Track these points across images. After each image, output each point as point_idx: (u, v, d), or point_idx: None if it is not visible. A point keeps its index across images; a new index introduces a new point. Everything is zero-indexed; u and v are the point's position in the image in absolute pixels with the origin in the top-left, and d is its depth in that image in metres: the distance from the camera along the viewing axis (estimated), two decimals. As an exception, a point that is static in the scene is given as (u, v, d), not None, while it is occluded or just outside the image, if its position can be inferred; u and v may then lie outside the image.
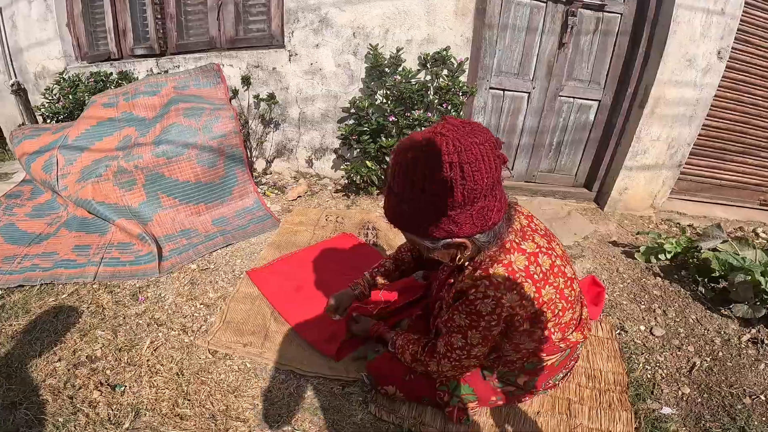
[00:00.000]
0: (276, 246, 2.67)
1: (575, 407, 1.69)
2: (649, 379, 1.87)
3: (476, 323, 1.31)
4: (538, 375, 1.56)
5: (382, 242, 2.75)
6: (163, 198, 2.87)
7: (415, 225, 1.23)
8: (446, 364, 1.44)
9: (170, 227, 2.80)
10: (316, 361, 1.90)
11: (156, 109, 3.28)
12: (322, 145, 3.43)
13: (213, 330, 2.05)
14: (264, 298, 2.24)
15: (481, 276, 1.26)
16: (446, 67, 3.06)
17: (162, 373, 1.85)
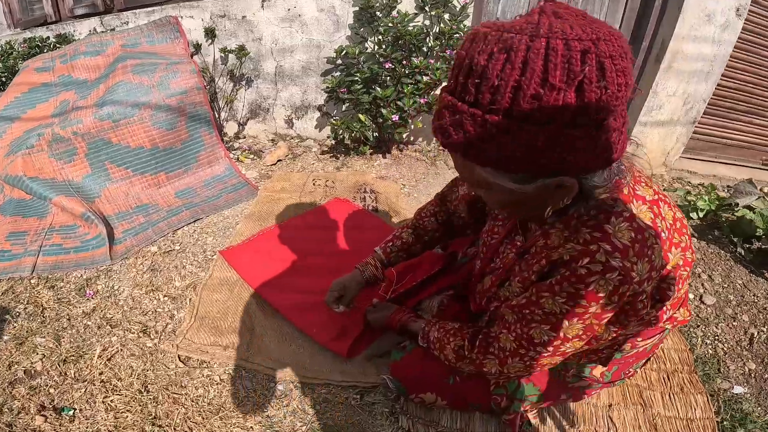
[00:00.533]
0: (255, 218, 2.13)
1: (647, 395, 1.40)
2: (711, 355, 1.60)
3: (582, 309, 0.86)
4: (623, 363, 1.17)
5: (384, 207, 2.25)
6: (112, 169, 2.28)
7: (503, 153, 0.73)
8: (516, 363, 1.00)
9: (123, 203, 2.22)
10: (322, 365, 1.42)
11: (100, 69, 2.69)
12: (303, 103, 2.87)
13: (183, 329, 1.52)
14: (245, 283, 1.72)
15: (596, 238, 0.83)
16: (447, 10, 2.55)
17: (120, 390, 1.35)
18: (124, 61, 2.50)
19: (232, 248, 1.90)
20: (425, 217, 1.45)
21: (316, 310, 1.53)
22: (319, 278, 1.69)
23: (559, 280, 0.86)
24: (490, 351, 1.05)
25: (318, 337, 1.45)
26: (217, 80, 2.82)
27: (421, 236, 1.46)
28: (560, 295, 0.87)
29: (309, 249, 1.89)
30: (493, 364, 1.05)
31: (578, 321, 0.88)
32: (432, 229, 1.44)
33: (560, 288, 0.87)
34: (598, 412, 1.33)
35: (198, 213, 2.19)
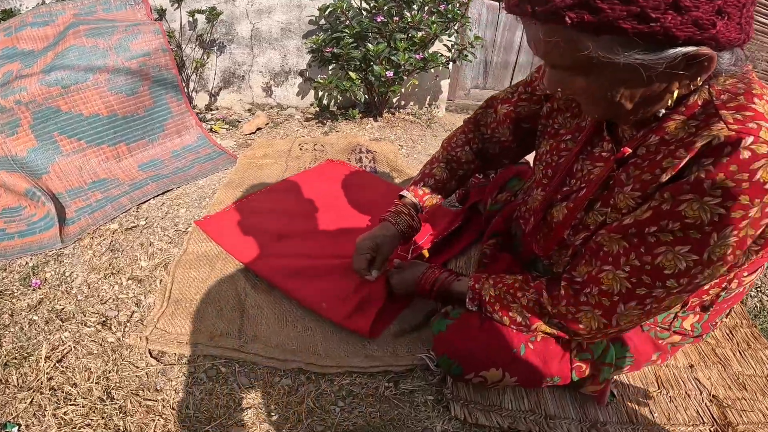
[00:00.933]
0: (236, 185, 1.76)
1: (720, 352, 1.20)
2: (759, 307, 1.40)
3: (741, 212, 0.62)
4: (716, 310, 0.93)
5: (384, 167, 1.91)
6: (62, 140, 1.87)
7: (633, 10, 0.54)
8: (632, 310, 0.74)
9: (76, 179, 1.82)
10: (340, 348, 1.09)
11: (49, 39, 2.26)
12: (283, 68, 2.50)
13: (153, 317, 1.16)
14: (229, 256, 1.36)
15: (749, 117, 0.61)
16: (440, -36, 2.23)
17: (75, 398, 0.99)
18: (77, 27, 2.10)
19: (210, 217, 1.53)
20: (457, 147, 1.15)
21: (322, 278, 1.20)
22: (321, 242, 1.36)
23: (712, 173, 0.61)
24: (583, 300, 0.76)
25: (330, 314, 1.12)
26: (184, 47, 2.42)
27: (455, 171, 1.15)
28: (713, 193, 0.61)
29: (304, 211, 1.54)
30: (591, 316, 0.76)
31: (732, 232, 0.63)
32: (467, 161, 1.14)
33: (713, 183, 0.61)
34: (681, 375, 1.10)
35: (167, 185, 1.80)
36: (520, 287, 0.88)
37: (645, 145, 0.72)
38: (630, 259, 0.70)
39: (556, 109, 0.94)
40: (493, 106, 1.11)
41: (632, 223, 0.70)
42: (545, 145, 0.96)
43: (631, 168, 0.73)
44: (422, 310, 1.18)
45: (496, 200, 1.28)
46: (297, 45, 2.43)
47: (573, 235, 0.83)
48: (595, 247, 0.76)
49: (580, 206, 0.81)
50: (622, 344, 0.91)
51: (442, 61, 2.22)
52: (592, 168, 0.83)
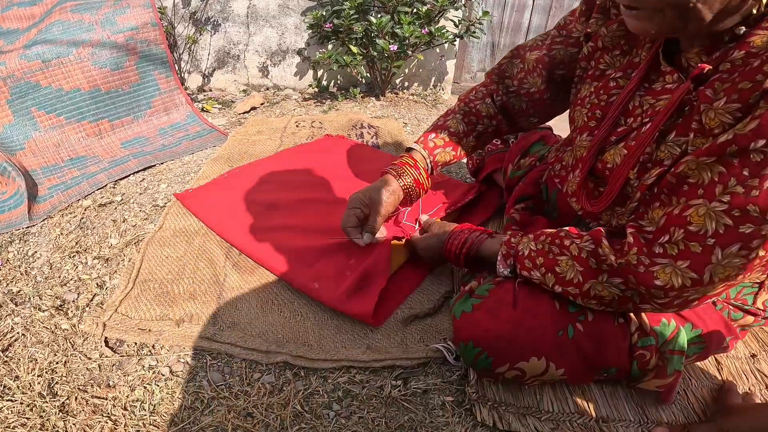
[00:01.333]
0: (225, 160, 1.55)
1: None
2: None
3: None
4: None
5: (388, 142, 1.70)
6: (40, 116, 1.67)
7: None
8: (733, 258, 0.53)
9: (53, 156, 1.62)
10: (336, 338, 0.87)
11: (35, 17, 2.07)
12: (280, 47, 2.29)
13: (114, 300, 0.95)
14: (210, 231, 1.15)
15: None
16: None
17: (14, 393, 0.79)
18: (63, 4, 1.91)
19: (193, 191, 1.32)
20: (476, 99, 0.94)
21: (315, 254, 0.99)
22: (316, 213, 1.15)
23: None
24: (658, 251, 0.57)
25: (323, 296, 0.90)
26: (176, 25, 2.22)
27: (474, 124, 0.94)
28: None
29: (298, 181, 1.33)
30: (673, 270, 0.55)
31: None
32: (488, 115, 0.94)
33: None
34: (743, 366, 0.89)
35: (150, 160, 1.60)
36: (567, 236, 0.67)
37: (728, 61, 0.54)
38: (730, 185, 0.51)
39: (601, 48, 0.76)
40: (519, 56, 0.92)
41: (732, 140, 0.51)
42: (587, 90, 0.77)
43: (717, 83, 0.54)
44: (437, 291, 0.96)
45: (518, 166, 1.06)
46: (295, 22, 2.22)
47: (640, 175, 0.63)
48: (676, 181, 0.57)
49: (647, 140, 0.62)
50: (693, 326, 0.71)
51: (448, 36, 2.02)
52: (655, 102, 0.64)
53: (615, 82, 0.72)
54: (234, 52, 2.29)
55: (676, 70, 0.64)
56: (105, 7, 1.92)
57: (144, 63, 1.90)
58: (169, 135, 1.80)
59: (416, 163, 0.92)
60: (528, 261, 0.71)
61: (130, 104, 1.83)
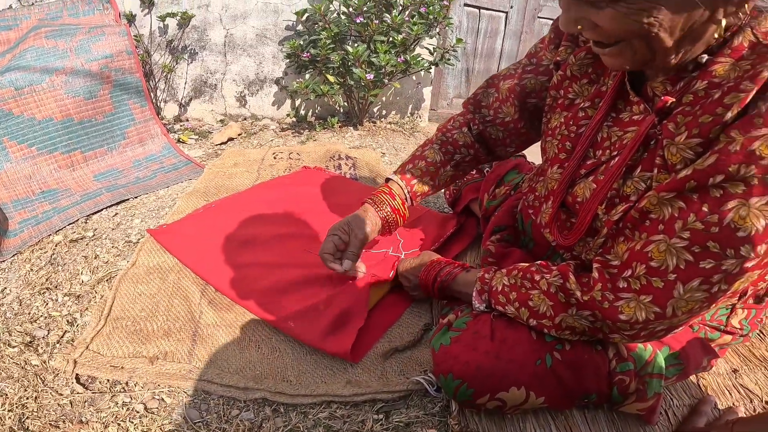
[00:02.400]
0: (201, 194, 1.58)
1: (759, 353, 1.05)
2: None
3: None
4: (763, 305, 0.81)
5: (365, 173, 1.76)
6: (11, 146, 1.68)
7: None
8: (695, 293, 0.56)
9: (24, 189, 1.63)
10: (315, 373, 0.90)
11: (10, 42, 2.10)
12: (258, 76, 2.36)
13: (85, 337, 0.97)
14: (184, 268, 1.18)
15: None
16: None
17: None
18: (38, 30, 1.95)
19: (167, 226, 1.35)
20: (453, 129, 1.00)
21: (291, 291, 1.02)
22: (292, 249, 1.18)
23: None
24: (622, 285, 0.60)
25: (300, 335, 0.93)
26: (153, 53, 2.27)
27: (451, 154, 0.99)
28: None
29: (275, 217, 1.36)
30: (637, 304, 0.60)
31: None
32: (465, 145, 0.99)
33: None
34: (726, 382, 0.94)
35: (123, 194, 1.62)
36: (538, 270, 0.72)
37: (691, 92, 0.59)
38: (689, 221, 0.55)
39: (570, 76, 0.80)
40: (494, 85, 0.98)
41: (690, 175, 0.55)
42: (558, 119, 0.82)
43: (679, 117, 0.59)
44: (416, 324, 1.01)
45: (494, 195, 1.12)
46: (273, 52, 2.30)
47: (607, 211, 0.68)
48: (639, 217, 0.61)
49: (614, 176, 0.67)
50: (670, 348, 0.75)
51: (424, 64, 2.11)
52: (622, 134, 0.69)
53: (583, 112, 0.77)
54: (211, 81, 2.35)
55: (642, 100, 0.68)
56: (80, 34, 1.96)
57: (118, 92, 1.93)
58: (144, 167, 1.82)
59: (392, 191, 0.97)
60: (502, 296, 0.75)
61: (103, 135, 1.85)
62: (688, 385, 0.90)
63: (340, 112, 2.39)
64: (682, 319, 0.59)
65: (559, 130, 0.80)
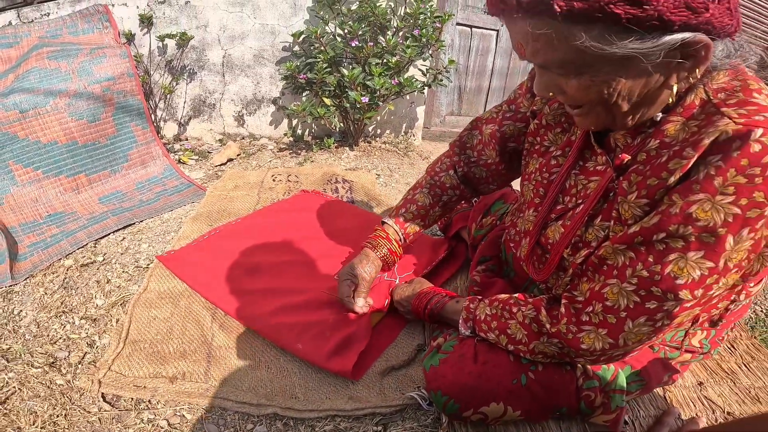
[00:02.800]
0: (204, 218, 1.69)
1: (726, 366, 1.19)
2: (755, 319, 1.43)
3: (757, 211, 0.59)
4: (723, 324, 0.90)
5: (361, 197, 1.88)
6: (17, 169, 1.78)
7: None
8: (642, 327, 0.68)
9: (31, 212, 1.73)
10: (320, 390, 1.02)
11: (12, 61, 2.21)
12: (256, 96, 2.47)
13: (107, 358, 1.08)
14: (195, 293, 1.29)
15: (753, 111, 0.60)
16: (413, -9, 2.30)
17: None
18: (40, 49, 2.05)
19: (175, 252, 1.45)
20: (441, 172, 1.13)
21: (297, 315, 1.14)
22: (296, 275, 1.30)
23: (722, 170, 0.59)
24: (585, 319, 0.72)
25: (307, 356, 1.05)
26: (152, 73, 2.38)
27: (438, 196, 1.12)
28: (725, 191, 0.59)
29: (277, 243, 1.48)
30: (596, 336, 0.71)
31: (749, 234, 0.60)
32: (451, 186, 1.12)
33: (724, 181, 0.59)
34: (691, 394, 1.08)
35: (129, 218, 1.72)
36: (515, 303, 0.84)
37: (645, 151, 0.70)
38: (637, 270, 0.66)
39: (545, 125, 0.92)
40: (478, 128, 1.10)
41: (638, 231, 0.67)
42: (534, 164, 0.94)
43: (632, 175, 0.70)
44: (410, 345, 1.13)
45: (481, 225, 1.26)
46: (270, 72, 2.42)
47: (572, 254, 0.80)
48: (598, 262, 0.73)
49: (578, 223, 0.79)
50: (632, 367, 0.88)
51: (417, 85, 2.24)
52: (587, 182, 0.81)
53: (555, 160, 0.88)
54: (210, 101, 2.46)
55: (604, 152, 0.79)
56: (81, 55, 2.06)
57: (120, 114, 2.04)
58: (147, 190, 1.93)
59: (388, 235, 1.11)
60: (484, 324, 0.87)
61: (107, 157, 1.95)
62: (654, 397, 1.03)
63: (336, 131, 2.51)
64: (633, 347, 0.71)
65: (534, 175, 0.91)
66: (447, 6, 2.61)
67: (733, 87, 0.63)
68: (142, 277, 1.39)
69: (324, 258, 1.36)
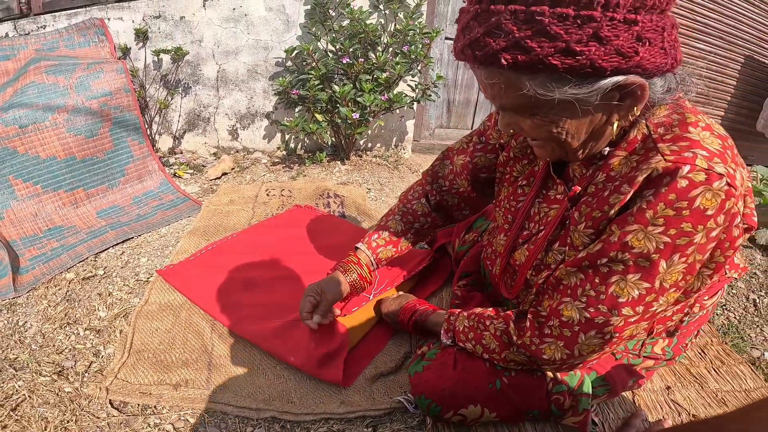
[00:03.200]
0: (201, 233, 1.79)
1: (695, 371, 1.29)
2: (728, 325, 1.56)
3: (685, 239, 0.69)
4: (685, 332, 1.02)
5: (352, 212, 1.99)
6: (17, 184, 1.87)
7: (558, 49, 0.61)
8: (592, 339, 0.79)
9: (31, 226, 1.81)
10: (314, 395, 1.12)
11: (9, 74, 2.30)
12: (249, 110, 2.59)
13: (113, 367, 1.17)
14: (194, 306, 1.39)
15: (685, 147, 0.69)
16: (402, 8, 2.42)
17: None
18: (38, 63, 2.14)
19: (174, 267, 1.55)
20: (413, 200, 1.22)
21: (289, 329, 1.24)
22: (289, 290, 1.40)
23: (653, 204, 0.69)
24: (546, 332, 0.83)
25: (301, 366, 1.15)
26: (147, 87, 2.48)
27: (411, 223, 1.21)
28: (656, 223, 0.69)
29: (272, 258, 1.58)
30: (555, 347, 0.82)
31: (680, 258, 0.70)
32: (423, 214, 1.21)
33: (654, 213, 0.68)
34: (658, 398, 1.18)
35: (127, 232, 1.81)
36: (489, 317, 0.94)
37: (594, 183, 0.80)
38: (586, 289, 0.77)
39: (513, 157, 1.02)
40: (449, 158, 1.20)
41: (585, 256, 0.77)
42: (504, 192, 1.04)
43: (582, 206, 0.81)
44: (397, 353, 1.24)
45: (464, 241, 1.37)
46: (263, 87, 2.53)
47: (535, 275, 0.91)
48: (555, 282, 0.84)
49: (540, 248, 0.90)
50: (597, 373, 0.98)
51: (406, 101, 2.36)
52: (548, 210, 0.92)
53: (522, 189, 0.99)
54: (204, 115, 2.57)
55: (562, 182, 0.91)
56: (79, 70, 2.15)
57: (118, 129, 2.13)
58: (144, 204, 2.02)
59: (359, 261, 1.18)
60: (462, 335, 0.98)
61: (105, 172, 2.05)
62: (623, 400, 1.14)
63: (327, 146, 2.63)
64: (589, 356, 0.82)
65: (503, 202, 1.03)
66: (436, 22, 2.74)
67: (671, 122, 0.73)
68: (143, 290, 1.48)
69: (314, 274, 1.44)
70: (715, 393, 1.21)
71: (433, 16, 2.73)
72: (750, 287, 1.79)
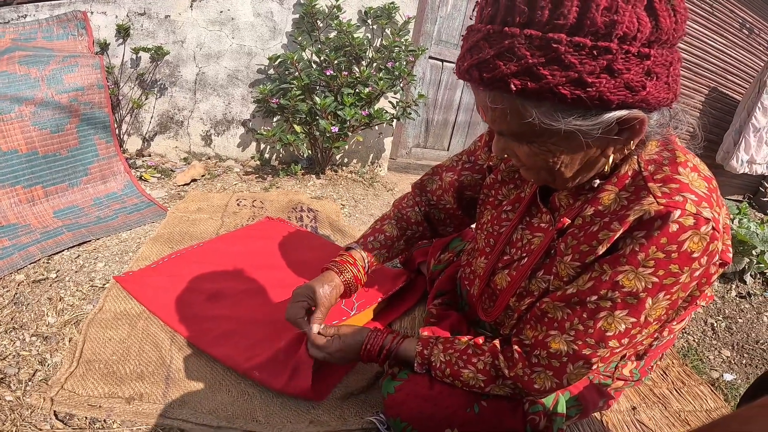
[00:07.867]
0: (165, 240, 1.73)
1: (658, 392, 1.38)
2: (687, 348, 1.68)
3: (672, 279, 0.72)
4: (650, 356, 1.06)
5: (325, 227, 1.96)
6: (-28, 178, 1.78)
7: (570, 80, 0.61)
8: (580, 369, 0.82)
9: (-18, 222, 1.72)
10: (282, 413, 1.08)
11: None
12: (225, 116, 2.55)
13: (59, 377, 1.11)
14: (152, 316, 1.33)
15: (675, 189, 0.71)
16: (390, 24, 2.46)
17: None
18: (12, 52, 2.06)
19: (134, 273, 1.49)
20: (407, 207, 1.22)
21: (254, 344, 1.20)
22: (255, 304, 1.37)
23: (645, 247, 0.71)
24: (534, 362, 0.84)
25: (265, 380, 1.10)
26: (122, 85, 2.41)
27: (404, 229, 1.21)
28: (646, 264, 0.71)
29: (238, 270, 1.54)
30: (545, 377, 0.84)
31: (665, 296, 0.74)
32: (416, 222, 1.21)
33: (646, 256, 0.71)
34: (625, 418, 1.24)
35: (84, 235, 1.73)
36: (474, 353, 0.93)
37: (582, 216, 0.81)
38: (574, 324, 0.79)
39: (500, 180, 1.03)
40: (438, 174, 1.21)
41: (575, 293, 0.79)
42: (487, 215, 1.05)
43: (569, 238, 0.82)
44: (369, 371, 1.21)
45: (439, 260, 1.36)
46: (243, 93, 2.50)
47: (518, 301, 0.91)
48: (540, 314, 0.85)
49: (523, 275, 0.90)
50: (571, 394, 0.99)
51: (386, 117, 2.38)
52: (531, 237, 0.92)
53: (506, 215, 1.00)
54: (178, 118, 2.52)
55: (548, 211, 0.91)
56: (53, 63, 2.09)
57: (85, 126, 2.06)
58: (105, 206, 1.95)
59: (355, 262, 1.14)
60: (439, 371, 0.95)
61: (66, 170, 1.97)
62: (592, 421, 1.17)
63: (303, 158, 2.60)
64: (576, 381, 0.84)
65: (486, 226, 1.03)
66: (422, 41, 2.79)
67: (661, 159, 0.75)
68: (98, 297, 1.41)
69: (283, 288, 1.41)
70: (678, 413, 1.29)
71: (419, 34, 2.78)
72: (708, 312, 1.91)
